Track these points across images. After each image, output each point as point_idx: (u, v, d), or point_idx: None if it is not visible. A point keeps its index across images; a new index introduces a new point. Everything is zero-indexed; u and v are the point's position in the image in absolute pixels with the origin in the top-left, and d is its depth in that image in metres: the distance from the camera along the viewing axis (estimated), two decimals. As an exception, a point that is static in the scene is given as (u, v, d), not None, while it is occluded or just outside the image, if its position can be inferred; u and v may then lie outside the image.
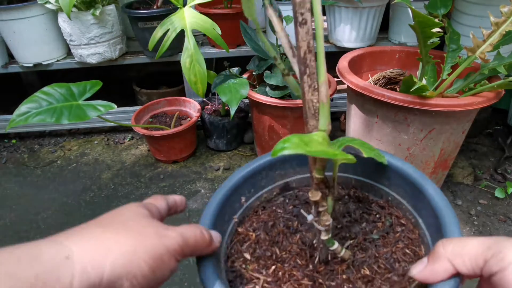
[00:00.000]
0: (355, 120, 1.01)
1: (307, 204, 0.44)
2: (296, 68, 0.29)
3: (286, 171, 0.45)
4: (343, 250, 0.35)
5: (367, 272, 0.35)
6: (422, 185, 0.38)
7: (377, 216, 0.42)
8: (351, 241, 0.38)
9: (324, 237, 0.33)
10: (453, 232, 0.32)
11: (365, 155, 0.30)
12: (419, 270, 0.28)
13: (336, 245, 0.34)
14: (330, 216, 0.33)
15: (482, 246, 0.25)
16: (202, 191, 1.19)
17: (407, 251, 0.37)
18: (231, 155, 1.36)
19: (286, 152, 0.23)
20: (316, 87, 0.28)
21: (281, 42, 0.31)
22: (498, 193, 1.10)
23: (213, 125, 1.30)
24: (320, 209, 0.32)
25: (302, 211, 0.36)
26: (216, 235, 0.34)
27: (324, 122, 0.28)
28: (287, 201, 0.45)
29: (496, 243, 0.24)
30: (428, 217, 0.37)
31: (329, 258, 0.36)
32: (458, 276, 0.27)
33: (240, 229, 0.41)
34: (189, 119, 1.35)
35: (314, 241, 0.37)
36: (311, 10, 0.26)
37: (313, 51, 0.27)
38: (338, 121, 1.51)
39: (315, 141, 0.26)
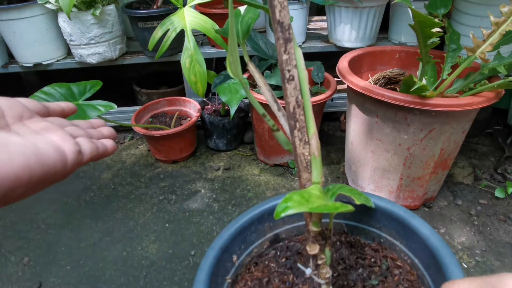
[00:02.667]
0: (355, 120, 1.01)
1: (299, 254, 0.43)
2: (282, 121, 0.29)
3: (274, 223, 0.45)
4: None
5: None
6: (414, 225, 0.37)
7: (372, 260, 0.41)
8: None
9: None
10: (454, 273, 0.32)
11: (357, 202, 0.30)
12: None
13: None
14: (329, 267, 0.32)
15: (488, 286, 0.24)
16: (202, 191, 1.19)
17: None
18: (231, 155, 1.36)
19: (290, 212, 0.22)
20: (306, 140, 0.28)
21: (265, 97, 0.31)
22: (498, 193, 1.10)
23: (213, 125, 1.30)
24: (319, 262, 0.31)
25: (299, 265, 0.35)
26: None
27: (317, 174, 0.28)
28: (278, 253, 0.44)
29: (500, 282, 0.24)
30: (425, 258, 0.37)
31: None
32: None
33: None
34: (189, 119, 1.35)
35: None
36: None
37: (301, 106, 0.26)
38: (338, 121, 1.51)
39: (314, 196, 0.25)
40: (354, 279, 0.38)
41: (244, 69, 1.21)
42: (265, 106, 1.10)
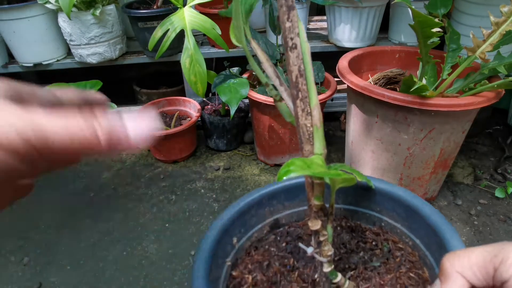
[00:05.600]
0: (355, 120, 1.01)
1: (299, 239, 0.43)
2: (284, 96, 0.29)
3: (274, 208, 0.44)
4: (347, 282, 0.34)
5: None
6: (415, 205, 0.37)
7: (374, 243, 0.41)
8: (352, 272, 0.37)
9: (326, 269, 0.32)
10: (457, 247, 0.31)
11: (358, 178, 0.29)
12: None
13: (339, 276, 0.33)
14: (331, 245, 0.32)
15: (490, 254, 0.24)
16: (202, 191, 1.19)
17: (411, 275, 0.36)
18: (231, 155, 1.35)
19: (292, 175, 0.22)
20: (309, 111, 0.28)
21: (267, 72, 0.30)
22: (498, 193, 1.10)
23: (213, 125, 1.30)
24: (321, 238, 0.31)
25: (300, 244, 0.35)
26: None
27: (320, 146, 0.28)
28: (278, 238, 0.44)
29: (502, 249, 0.24)
30: (426, 237, 0.36)
31: None
32: None
33: (234, 273, 0.39)
34: (189, 119, 1.35)
35: (316, 276, 0.36)
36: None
37: (304, 75, 0.26)
38: (338, 121, 1.51)
39: (316, 164, 0.25)
40: (356, 262, 0.38)
41: (244, 69, 1.21)
42: (262, 105, 1.10)
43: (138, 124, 0.19)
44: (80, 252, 0.99)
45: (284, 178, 0.22)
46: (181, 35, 1.15)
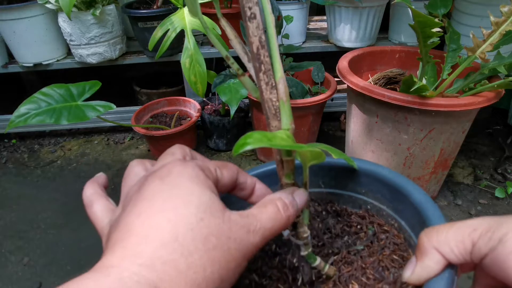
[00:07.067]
0: (355, 120, 1.01)
1: None
2: (252, 72, 0.28)
3: None
4: (327, 266, 0.33)
5: (356, 286, 0.33)
6: (399, 184, 0.36)
7: (359, 227, 0.40)
8: (335, 257, 0.36)
9: (303, 252, 0.31)
10: (437, 224, 0.30)
11: (334, 156, 0.28)
12: (411, 272, 0.25)
13: (318, 260, 0.32)
14: (307, 227, 0.31)
15: (468, 228, 0.22)
16: (202, 191, 1.19)
17: (394, 257, 0.35)
18: (231, 155, 1.35)
19: (248, 148, 0.21)
20: (273, 84, 0.27)
21: (236, 50, 0.29)
22: (498, 193, 1.10)
23: (213, 125, 1.30)
24: (295, 220, 0.30)
25: None
26: (298, 199, 0.28)
27: (287, 121, 0.27)
28: None
29: (482, 223, 0.22)
30: (411, 218, 0.36)
31: (313, 278, 0.34)
32: (451, 267, 0.24)
33: None
34: (189, 119, 1.35)
35: (295, 261, 0.35)
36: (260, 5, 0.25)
37: (266, 46, 0.25)
38: (338, 121, 1.51)
39: (279, 138, 0.24)
40: (339, 246, 0.37)
41: (244, 69, 1.21)
42: (258, 103, 1.10)
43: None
44: (80, 252, 0.99)
45: (240, 151, 0.21)
46: (181, 35, 1.15)
